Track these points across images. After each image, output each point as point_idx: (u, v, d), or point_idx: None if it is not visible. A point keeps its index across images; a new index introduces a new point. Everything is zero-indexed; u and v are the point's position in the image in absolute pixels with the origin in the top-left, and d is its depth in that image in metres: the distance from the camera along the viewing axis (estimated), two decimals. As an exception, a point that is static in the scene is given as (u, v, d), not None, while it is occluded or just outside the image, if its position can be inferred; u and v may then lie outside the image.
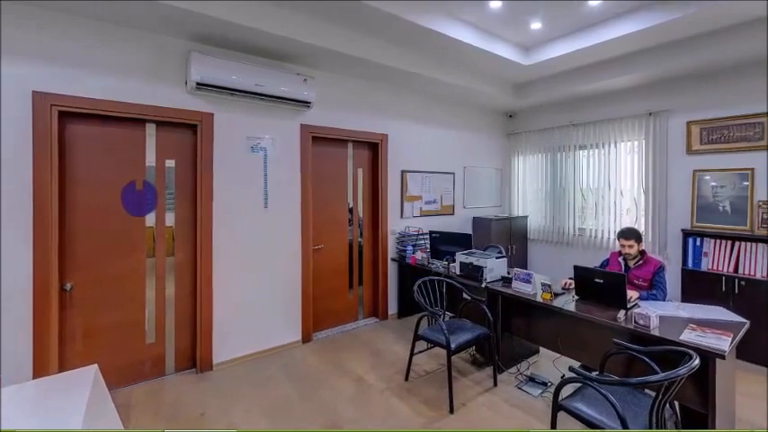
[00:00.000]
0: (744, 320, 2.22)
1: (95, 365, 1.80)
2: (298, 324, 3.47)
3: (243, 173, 3.12)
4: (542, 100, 4.66)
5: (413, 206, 4.37)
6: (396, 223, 4.21)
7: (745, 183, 3.37)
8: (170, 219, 2.92)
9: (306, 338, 3.51)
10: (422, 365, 3.04)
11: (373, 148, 4.07)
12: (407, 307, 4.16)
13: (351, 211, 4.00)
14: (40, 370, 2.36)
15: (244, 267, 3.15)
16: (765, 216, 3.22)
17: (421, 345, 2.91)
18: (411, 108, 4.30)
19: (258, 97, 3.01)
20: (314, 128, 3.50)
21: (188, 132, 2.96)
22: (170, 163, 2.90)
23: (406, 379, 2.83)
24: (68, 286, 2.53)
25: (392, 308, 4.21)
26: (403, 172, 4.25)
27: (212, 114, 2.95)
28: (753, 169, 3.34)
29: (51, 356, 2.42)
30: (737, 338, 2.00)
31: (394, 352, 3.31)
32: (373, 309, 4.18)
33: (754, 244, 3.17)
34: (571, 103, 4.64)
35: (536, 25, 3.34)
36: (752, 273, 3.16)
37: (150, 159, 2.82)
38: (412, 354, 2.84)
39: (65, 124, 2.52)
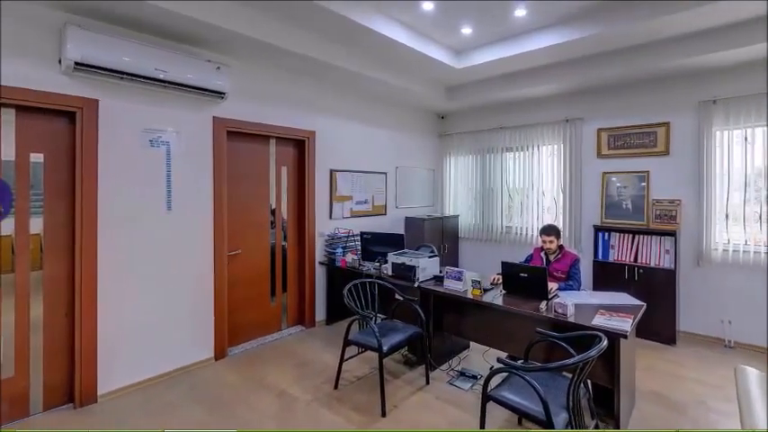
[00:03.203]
0: (642, 303, 2.64)
1: None
2: (209, 339, 3.25)
3: (139, 170, 2.85)
4: (473, 103, 5.07)
5: (343, 207, 4.39)
6: (324, 225, 4.19)
7: (643, 184, 4.05)
8: (37, 225, 2.53)
9: (219, 355, 3.30)
10: (353, 371, 3.06)
11: (299, 146, 4.02)
12: (337, 312, 4.15)
13: (273, 212, 3.88)
14: None
15: (140, 279, 2.87)
16: (658, 212, 3.89)
17: (352, 350, 2.93)
18: (342, 105, 4.35)
19: (159, 84, 2.78)
20: (229, 121, 3.34)
21: (63, 121, 2.61)
22: (37, 157, 2.52)
23: (336, 387, 2.83)
24: None
25: (320, 314, 4.17)
26: (332, 171, 4.26)
27: (96, 101, 2.64)
28: (648, 172, 4.04)
29: None
30: (637, 319, 2.38)
31: (322, 361, 3.28)
32: (299, 316, 4.10)
33: (649, 236, 3.84)
34: (499, 107, 5.12)
35: (467, 30, 3.64)
36: (648, 262, 3.81)
37: (8, 153, 2.42)
38: (342, 360, 2.85)
39: None
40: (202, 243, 3.21)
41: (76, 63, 2.42)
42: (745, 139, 3.55)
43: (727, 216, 3.65)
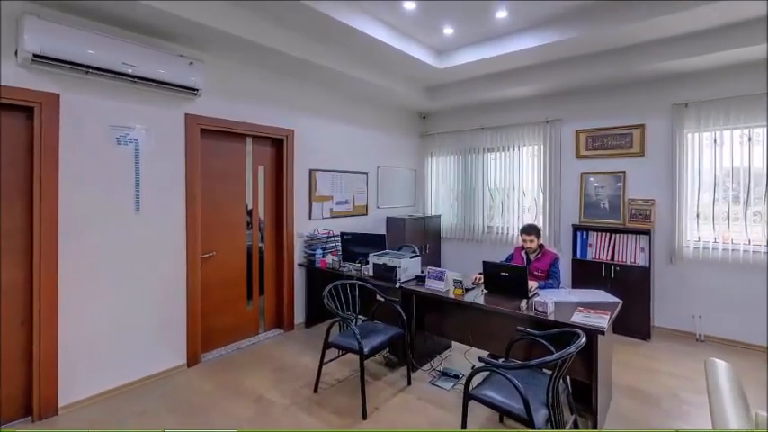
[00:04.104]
0: (618, 300, 2.74)
1: None
2: (182, 345, 3.18)
3: (104, 169, 2.75)
4: (454, 103, 5.16)
5: (323, 207, 4.37)
6: (303, 226, 4.17)
7: (619, 184, 4.22)
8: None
9: (192, 361, 3.24)
10: (333, 374, 3.05)
11: (278, 145, 3.98)
12: (317, 314, 4.14)
13: (250, 213, 3.83)
14: None
15: (106, 284, 2.78)
16: (633, 212, 4.05)
17: (332, 353, 2.92)
18: (322, 104, 4.34)
19: (128, 79, 2.70)
20: (203, 119, 3.28)
21: (20, 117, 2.49)
22: (-10, 156, 2.41)
23: (315, 391, 2.82)
24: None
25: (299, 317, 4.14)
26: (312, 171, 4.24)
27: (57, 96, 2.54)
28: (624, 172, 4.20)
29: None
30: (613, 316, 2.47)
31: (301, 364, 3.26)
32: (277, 319, 4.06)
33: (625, 235, 4.00)
34: (481, 107, 5.22)
35: (448, 30, 3.70)
36: (624, 259, 3.96)
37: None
38: (321, 363, 2.84)
39: None
40: (174, 245, 3.13)
41: (35, 55, 2.31)
42: (714, 141, 3.75)
43: (697, 215, 3.84)
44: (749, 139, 3.59)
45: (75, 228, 2.63)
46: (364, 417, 2.50)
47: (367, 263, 3.50)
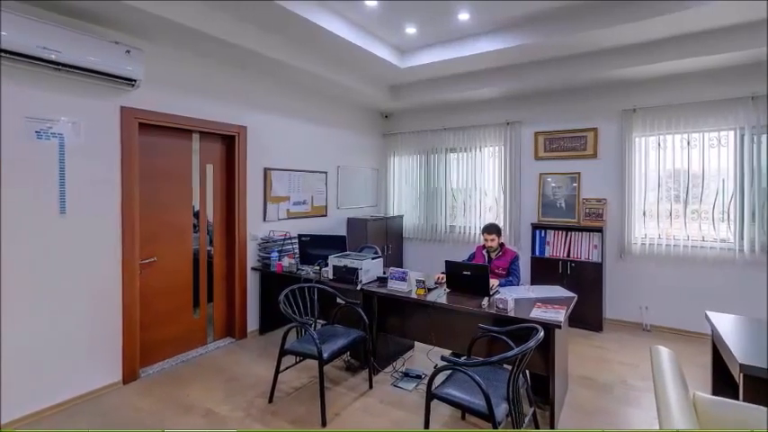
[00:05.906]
0: (573, 295, 2.94)
1: None
2: (117, 360, 3.00)
3: (20, 167, 2.53)
4: (417, 103, 5.30)
5: (278, 208, 4.31)
6: (257, 228, 4.08)
7: (575, 184, 4.52)
8: None
9: (129, 377, 3.06)
10: (290, 382, 3.02)
11: (228, 142, 3.89)
12: (272, 320, 4.08)
13: (197, 215, 3.69)
14: None
15: (25, 295, 2.56)
16: (587, 211, 4.36)
17: (289, 360, 2.88)
18: (278, 100, 4.28)
19: (50, 66, 2.51)
20: (142, 112, 3.12)
21: None
22: None
23: (271, 401, 2.77)
24: None
25: (252, 324, 4.04)
26: (266, 170, 4.17)
27: (-43, 82, 2.33)
28: (579, 173, 4.52)
29: None
30: (569, 310, 2.64)
31: (255, 374, 3.19)
32: (228, 327, 3.95)
33: (580, 233, 4.31)
34: (443, 108, 5.40)
35: (411, 30, 3.80)
36: (579, 256, 4.26)
37: None
38: (277, 371, 2.79)
39: None
40: (107, 251, 2.95)
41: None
42: (659, 144, 4.13)
43: (644, 213, 4.21)
44: (688, 144, 4.00)
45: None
46: (324, 424, 2.49)
47: (326, 265, 3.49)
